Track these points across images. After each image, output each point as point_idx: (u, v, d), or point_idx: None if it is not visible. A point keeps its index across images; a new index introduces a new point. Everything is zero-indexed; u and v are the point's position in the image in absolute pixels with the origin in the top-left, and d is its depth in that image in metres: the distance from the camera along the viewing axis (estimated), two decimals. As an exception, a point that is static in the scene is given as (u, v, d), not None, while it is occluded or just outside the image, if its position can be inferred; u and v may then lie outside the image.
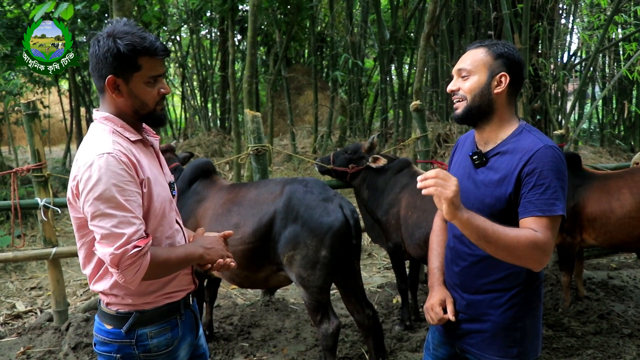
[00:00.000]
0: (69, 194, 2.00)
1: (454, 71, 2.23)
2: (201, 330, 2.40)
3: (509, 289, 2.16)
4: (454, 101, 2.21)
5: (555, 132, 6.17)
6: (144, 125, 2.18)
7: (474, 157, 2.19)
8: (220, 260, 2.16)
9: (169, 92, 2.12)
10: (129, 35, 1.93)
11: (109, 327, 2.08)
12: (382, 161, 4.83)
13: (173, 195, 2.21)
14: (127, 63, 1.94)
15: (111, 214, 1.85)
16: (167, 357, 2.14)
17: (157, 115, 2.09)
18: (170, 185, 2.21)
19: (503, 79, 2.11)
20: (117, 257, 1.83)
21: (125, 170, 1.89)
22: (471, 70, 2.14)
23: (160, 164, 2.21)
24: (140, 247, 1.86)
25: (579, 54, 12.63)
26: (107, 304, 2.10)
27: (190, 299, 2.27)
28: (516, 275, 2.13)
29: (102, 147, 1.91)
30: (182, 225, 2.29)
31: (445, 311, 2.27)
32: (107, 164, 1.87)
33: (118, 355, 2.07)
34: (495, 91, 2.12)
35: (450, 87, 2.20)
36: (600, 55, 12.46)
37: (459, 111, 2.18)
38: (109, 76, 1.95)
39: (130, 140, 2.03)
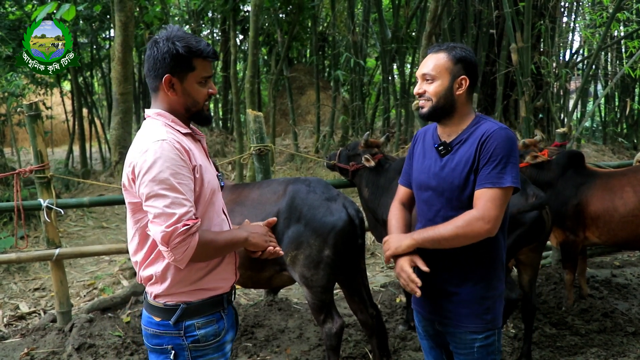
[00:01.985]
0: (124, 180, 2.15)
1: (418, 75, 2.48)
2: None
3: (481, 261, 2.41)
4: (420, 101, 2.46)
5: (558, 130, 6.15)
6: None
7: (440, 148, 2.45)
8: (271, 248, 2.36)
9: (215, 92, 2.31)
10: (185, 39, 2.12)
11: (157, 319, 2.20)
12: (371, 163, 4.83)
13: (221, 187, 2.37)
14: (183, 63, 2.13)
15: (164, 194, 2.00)
16: (216, 349, 2.26)
17: (205, 114, 2.27)
18: (218, 176, 2.36)
19: (463, 82, 2.39)
20: (168, 235, 1.97)
21: (179, 156, 2.05)
22: (435, 76, 2.39)
23: (207, 157, 2.37)
24: (189, 225, 2.00)
25: (581, 51, 12.63)
26: (155, 297, 2.20)
27: (233, 295, 2.41)
28: (484, 249, 2.38)
29: (157, 136, 2.08)
30: (228, 219, 2.43)
31: (416, 273, 2.39)
32: (162, 149, 2.03)
33: (169, 346, 2.19)
34: (457, 93, 2.39)
35: (417, 90, 2.46)
36: (603, 53, 12.43)
37: (424, 110, 2.43)
38: (166, 75, 2.13)
39: (181, 132, 2.19)
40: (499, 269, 2.45)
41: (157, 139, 2.05)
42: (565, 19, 11.86)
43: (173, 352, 2.18)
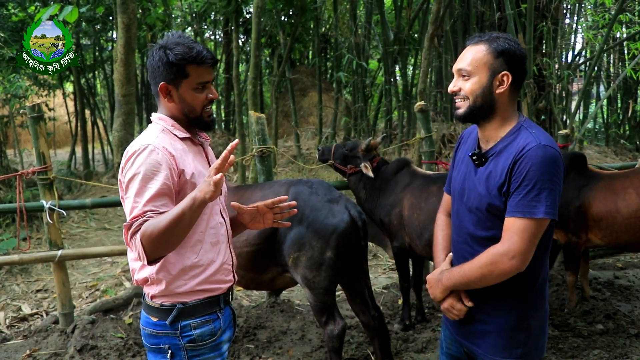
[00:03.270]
0: (120, 183, 2.17)
1: (454, 70, 2.20)
2: None
3: (513, 290, 2.15)
4: (456, 100, 2.19)
5: (560, 132, 6.15)
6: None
7: (474, 158, 2.19)
8: (216, 178, 1.94)
9: (216, 97, 2.29)
10: (178, 46, 2.13)
11: (154, 319, 2.23)
12: (369, 172, 4.84)
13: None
14: (176, 71, 2.15)
15: (129, 197, 2.05)
16: (212, 348, 2.27)
17: (204, 120, 2.27)
18: None
19: (505, 78, 2.09)
20: (125, 239, 2.03)
21: (157, 161, 2.06)
22: (471, 71, 2.11)
23: (208, 161, 2.40)
24: (128, 225, 2.00)
25: (583, 53, 12.60)
26: (152, 297, 2.23)
27: (231, 296, 2.42)
28: (518, 276, 2.08)
29: (144, 140, 2.12)
30: (227, 222, 2.43)
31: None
32: (142, 154, 2.07)
33: (166, 346, 2.22)
34: (498, 91, 2.10)
35: (451, 87, 2.19)
36: (605, 54, 12.41)
37: (460, 111, 2.16)
38: (161, 83, 2.17)
39: (178, 137, 2.23)
40: (537, 298, 2.19)
41: (142, 143, 2.09)
42: (567, 21, 11.84)
43: (170, 351, 2.21)
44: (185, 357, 2.21)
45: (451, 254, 2.36)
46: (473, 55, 2.11)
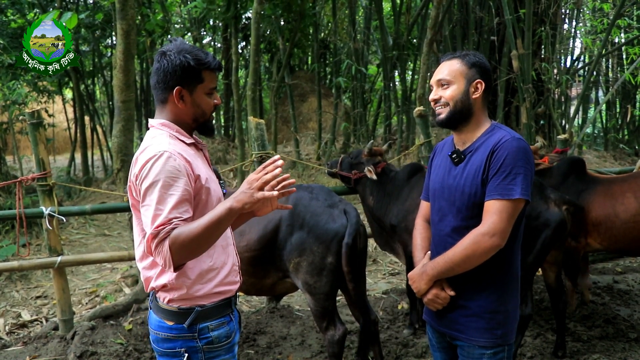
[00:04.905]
0: (129, 185, 2.19)
1: (433, 82, 2.49)
2: None
3: (491, 275, 2.37)
4: (437, 108, 2.46)
5: (559, 136, 6.16)
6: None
7: (453, 156, 2.46)
8: (264, 194, 1.97)
9: (220, 102, 2.36)
10: (193, 52, 2.18)
11: (170, 323, 2.23)
12: (372, 175, 4.83)
13: (224, 194, 2.39)
14: (193, 75, 2.18)
15: (150, 205, 2.03)
16: (228, 350, 2.30)
17: (210, 125, 2.34)
18: (220, 184, 2.40)
19: (479, 85, 2.40)
20: (148, 246, 2.01)
21: (176, 168, 2.06)
22: (450, 80, 2.40)
23: (209, 166, 2.41)
24: (155, 232, 1.98)
25: (582, 58, 12.64)
26: (169, 301, 2.22)
27: (237, 298, 2.44)
28: (499, 261, 2.33)
29: (159, 147, 2.10)
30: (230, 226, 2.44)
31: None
32: (160, 160, 2.06)
33: (182, 349, 2.22)
34: (474, 96, 2.40)
35: (433, 96, 2.46)
36: (604, 59, 12.45)
37: (442, 116, 2.43)
38: (177, 87, 2.18)
39: (185, 142, 2.24)
40: (512, 283, 2.42)
41: (158, 150, 2.08)
42: (565, 26, 11.88)
43: (186, 355, 2.22)
44: (203, 359, 2.23)
45: (429, 252, 2.55)
46: (449, 68, 2.42)
